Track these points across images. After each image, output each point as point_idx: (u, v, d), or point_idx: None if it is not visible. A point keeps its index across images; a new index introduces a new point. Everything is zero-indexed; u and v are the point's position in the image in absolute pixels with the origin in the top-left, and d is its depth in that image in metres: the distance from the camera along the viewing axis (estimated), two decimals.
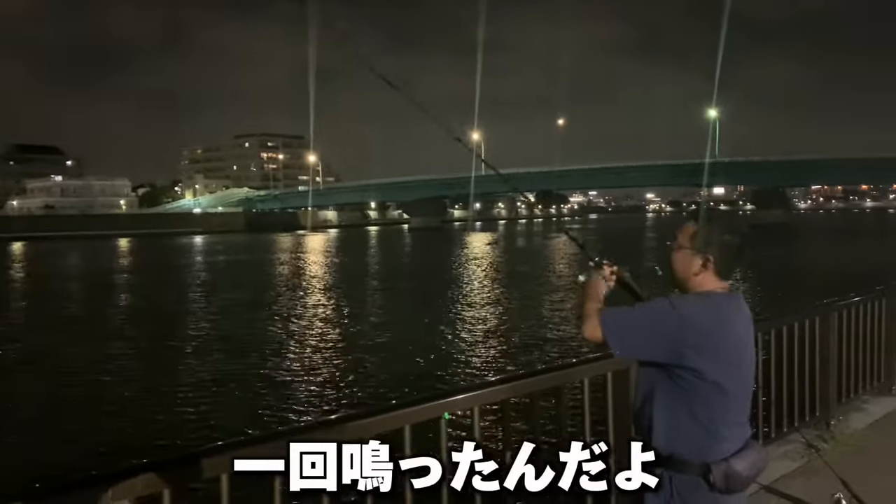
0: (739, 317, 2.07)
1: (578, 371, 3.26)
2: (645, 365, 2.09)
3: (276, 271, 37.23)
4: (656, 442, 2.02)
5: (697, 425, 1.97)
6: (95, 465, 8.29)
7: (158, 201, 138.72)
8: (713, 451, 1.96)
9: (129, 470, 2.02)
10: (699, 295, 2.04)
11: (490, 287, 27.35)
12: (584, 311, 2.11)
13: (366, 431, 2.47)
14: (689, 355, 1.93)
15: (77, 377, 13.52)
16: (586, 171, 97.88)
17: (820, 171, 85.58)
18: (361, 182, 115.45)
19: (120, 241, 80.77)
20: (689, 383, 1.96)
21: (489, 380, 2.98)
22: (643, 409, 2.08)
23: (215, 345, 16.30)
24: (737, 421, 2.04)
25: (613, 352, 2.07)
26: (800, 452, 4.56)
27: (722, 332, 1.99)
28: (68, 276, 38.20)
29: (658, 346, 1.98)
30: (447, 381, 12.40)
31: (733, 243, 2.08)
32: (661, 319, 1.97)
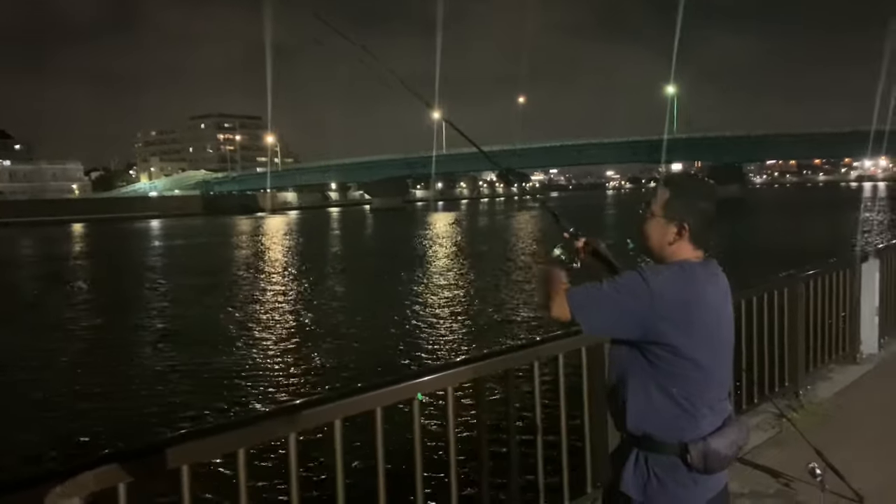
0: (716, 287, 1.97)
1: (553, 346, 3.16)
2: (617, 343, 1.99)
3: (234, 255, 36.61)
4: (630, 423, 1.94)
5: (673, 404, 1.88)
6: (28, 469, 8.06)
7: (113, 185, 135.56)
8: (690, 430, 1.88)
9: (80, 466, 1.87)
10: (673, 265, 1.94)
11: (454, 267, 27.25)
12: (549, 290, 1.98)
13: (333, 416, 2.34)
14: (663, 330, 1.84)
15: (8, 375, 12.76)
16: (547, 148, 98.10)
17: (774, 146, 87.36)
18: (321, 163, 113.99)
19: (74, 226, 78.77)
20: (663, 360, 1.87)
21: (462, 358, 2.85)
22: (616, 390, 1.99)
23: (169, 334, 15.70)
24: (716, 397, 1.95)
25: (584, 331, 1.98)
26: (770, 423, 4.57)
27: (698, 305, 1.88)
28: (18, 263, 37.04)
29: (630, 322, 1.87)
30: (415, 362, 12.24)
31: (709, 210, 1.97)
32: (632, 294, 1.86)
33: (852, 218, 43.51)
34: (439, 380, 2.68)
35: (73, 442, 8.96)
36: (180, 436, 2.09)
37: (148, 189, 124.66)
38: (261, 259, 33.48)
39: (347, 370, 11.69)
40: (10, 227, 74.91)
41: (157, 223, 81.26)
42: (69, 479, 1.83)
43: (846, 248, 25.84)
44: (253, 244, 43.77)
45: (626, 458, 1.95)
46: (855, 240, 30.38)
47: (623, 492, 1.93)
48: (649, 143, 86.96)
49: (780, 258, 22.85)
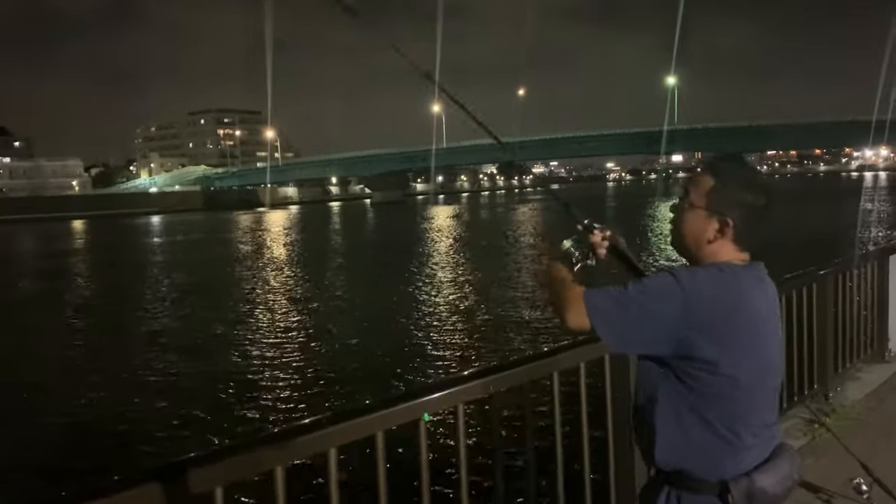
0: (763, 294, 1.66)
1: (572, 356, 2.84)
2: (644, 359, 1.68)
3: (232, 252, 36.30)
4: (660, 455, 1.65)
5: (710, 432, 1.59)
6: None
7: (113, 181, 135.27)
8: (731, 463, 1.59)
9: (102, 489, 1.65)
10: (712, 267, 1.64)
11: (455, 262, 26.94)
12: (563, 294, 1.69)
13: (327, 444, 2.03)
14: (699, 343, 1.55)
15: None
16: (547, 140, 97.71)
17: (775, 136, 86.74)
18: (322, 157, 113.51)
19: (74, 223, 78.47)
20: (698, 380, 1.58)
21: (472, 371, 2.53)
22: (644, 415, 1.69)
23: (159, 337, 15.07)
24: (762, 423, 1.64)
25: (608, 344, 1.68)
26: (801, 429, 4.28)
27: (740, 314, 1.58)
28: (16, 259, 36.79)
29: (660, 333, 1.57)
30: (419, 368, 11.79)
31: (758, 204, 1.66)
32: (664, 299, 1.56)
33: (854, 208, 43.12)
34: (448, 397, 2.37)
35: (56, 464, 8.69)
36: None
37: (148, 185, 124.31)
38: (260, 255, 33.16)
39: (346, 377, 11.14)
40: (9, 224, 74.70)
41: (157, 219, 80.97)
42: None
43: (850, 239, 25.56)
44: (252, 240, 43.47)
45: (656, 497, 1.67)
46: (861, 231, 30.05)
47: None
48: (649, 134, 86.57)
49: (786, 251, 22.61)
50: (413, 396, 2.29)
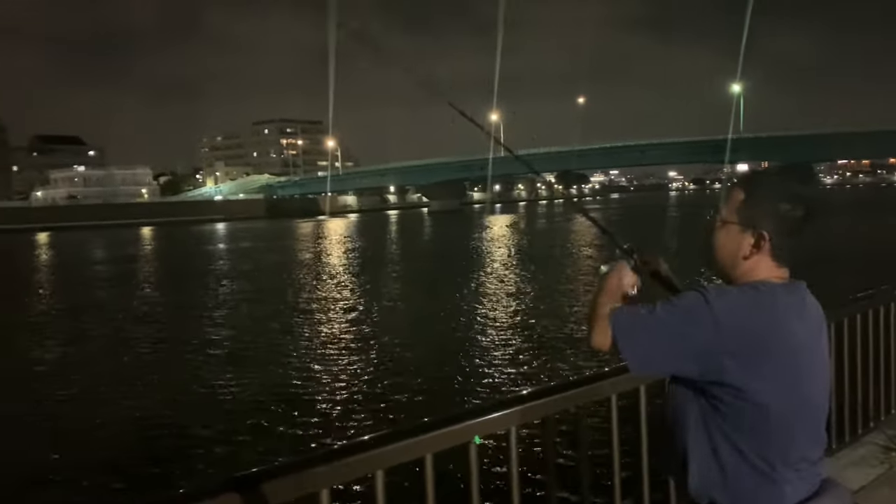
0: (803, 317, 1.54)
1: (631, 378, 2.71)
2: (674, 382, 1.58)
3: (293, 259, 36.99)
4: (693, 486, 1.52)
5: (746, 464, 1.47)
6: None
7: (180, 189, 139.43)
8: (768, 500, 1.47)
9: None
10: (747, 287, 1.52)
11: (512, 274, 26.76)
12: (595, 310, 1.60)
13: (375, 465, 1.97)
14: (730, 368, 1.45)
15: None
16: (607, 149, 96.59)
17: (846, 144, 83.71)
18: (380, 166, 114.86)
19: (143, 229, 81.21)
20: (730, 407, 1.47)
21: (527, 392, 2.44)
22: (675, 440, 1.57)
23: (217, 349, 15.09)
24: (803, 458, 1.51)
25: (629, 366, 1.56)
26: (878, 457, 4.01)
27: (776, 338, 1.47)
28: (91, 262, 38.16)
29: (687, 355, 1.47)
30: (470, 388, 11.61)
31: (794, 215, 1.55)
32: (692, 319, 1.47)
33: None
34: (501, 419, 2.28)
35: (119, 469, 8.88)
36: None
37: (213, 193, 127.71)
38: (318, 264, 33.68)
39: (396, 393, 10.98)
40: (84, 231, 77.78)
41: (221, 226, 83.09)
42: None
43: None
44: (311, 248, 44.17)
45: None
46: None
47: None
48: (714, 142, 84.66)
49: (859, 266, 21.68)
50: (464, 417, 2.21)
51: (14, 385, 12.52)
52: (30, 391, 12.08)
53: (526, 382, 11.18)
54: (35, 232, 79.80)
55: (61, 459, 8.72)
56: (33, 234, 75.82)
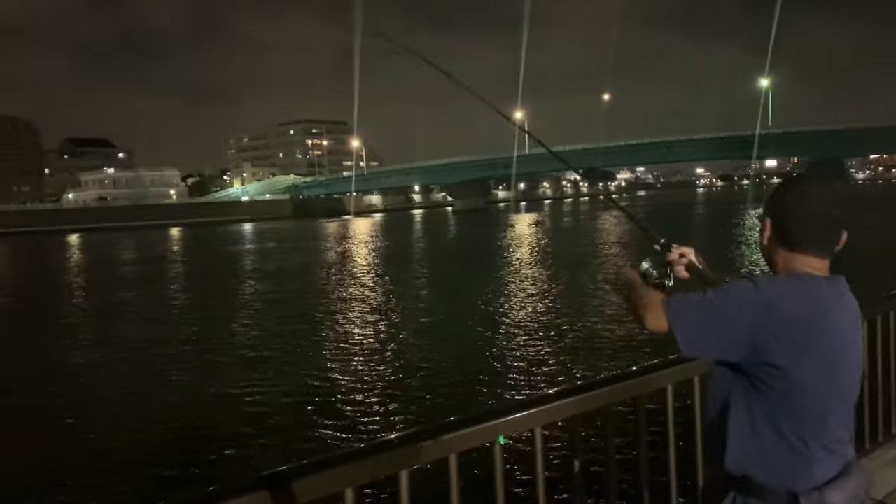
0: (843, 308, 1.65)
1: (659, 377, 2.68)
2: (720, 365, 1.69)
3: (319, 259, 37.20)
4: (730, 460, 1.65)
5: (782, 442, 1.59)
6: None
7: (207, 190, 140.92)
8: (802, 476, 1.58)
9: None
10: (793, 276, 1.65)
11: (537, 274, 26.63)
12: (643, 299, 1.74)
13: (399, 465, 1.96)
14: (775, 348, 1.56)
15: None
16: (633, 146, 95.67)
17: (878, 139, 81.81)
18: (405, 165, 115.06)
19: (171, 230, 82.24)
20: (773, 388, 1.58)
21: (552, 392, 2.42)
22: (717, 422, 1.69)
23: (242, 349, 15.22)
24: (835, 438, 1.63)
25: (681, 349, 1.65)
26: None
27: (818, 323, 1.58)
28: (122, 262, 38.71)
29: (737, 337, 1.58)
30: (496, 386, 11.59)
31: (800, 206, 1.66)
32: (742, 304, 1.58)
33: None
34: (526, 419, 2.26)
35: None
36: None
37: (240, 194, 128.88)
38: (343, 263, 33.82)
39: (420, 392, 11.01)
40: (114, 232, 79.02)
41: (249, 227, 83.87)
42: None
43: None
44: (337, 248, 44.39)
45: (721, 502, 1.67)
46: None
47: None
48: (742, 138, 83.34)
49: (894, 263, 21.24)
50: (489, 417, 2.20)
51: (41, 384, 12.71)
52: (58, 390, 12.28)
53: (550, 382, 11.12)
54: (66, 233, 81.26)
55: (89, 458, 8.85)
56: (65, 236, 77.19)
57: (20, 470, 8.43)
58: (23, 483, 8.09)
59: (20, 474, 8.29)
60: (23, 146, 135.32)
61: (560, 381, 10.90)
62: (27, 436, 9.91)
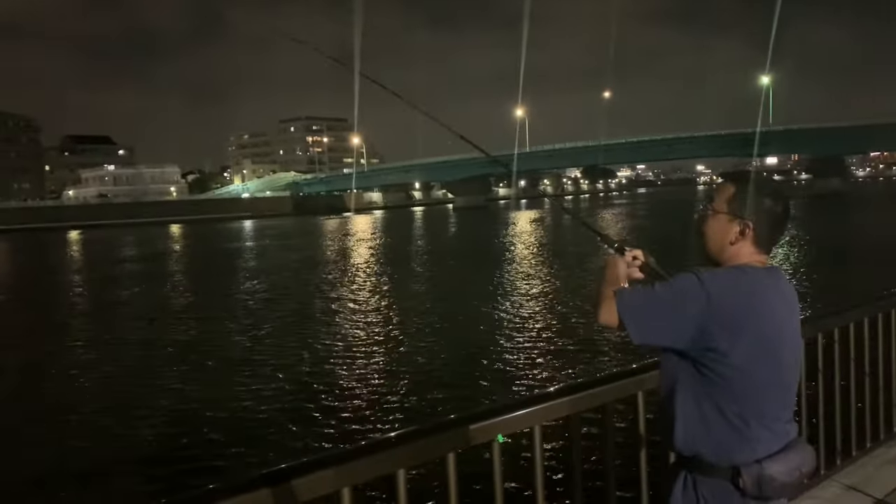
0: (780, 296, 1.81)
1: (657, 375, 2.66)
2: (667, 353, 1.82)
3: (319, 257, 37.17)
4: (678, 441, 1.79)
5: (724, 422, 1.73)
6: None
7: (208, 187, 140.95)
8: (743, 451, 1.73)
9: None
10: (732, 268, 1.80)
11: (535, 271, 26.61)
12: (600, 294, 1.87)
13: (395, 464, 1.94)
14: (717, 336, 1.69)
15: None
16: (633, 143, 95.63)
17: (879, 136, 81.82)
18: (405, 163, 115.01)
19: (172, 227, 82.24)
20: (715, 372, 1.71)
21: (551, 390, 2.40)
22: (666, 405, 1.83)
23: (236, 353, 15.30)
24: (776, 417, 1.77)
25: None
26: None
27: (758, 313, 1.72)
28: (121, 260, 38.69)
29: (683, 327, 1.71)
30: (495, 384, 11.53)
31: (776, 210, 1.82)
32: (687, 296, 1.71)
33: None
34: (525, 417, 2.24)
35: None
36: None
37: (241, 191, 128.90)
38: (342, 261, 33.79)
39: (418, 391, 10.90)
40: (115, 229, 79.07)
41: (249, 224, 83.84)
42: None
43: None
44: (336, 245, 44.36)
45: (674, 480, 1.82)
46: None
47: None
48: (742, 136, 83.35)
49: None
50: (487, 416, 2.18)
51: (36, 384, 12.68)
52: (54, 390, 12.27)
53: (549, 380, 11.10)
54: (67, 230, 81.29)
55: (85, 459, 8.82)
56: (65, 233, 77.22)
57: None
58: (9, 485, 8.06)
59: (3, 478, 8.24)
60: (23, 143, 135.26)
61: (560, 380, 10.87)
62: (10, 436, 9.86)
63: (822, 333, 3.59)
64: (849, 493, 3.51)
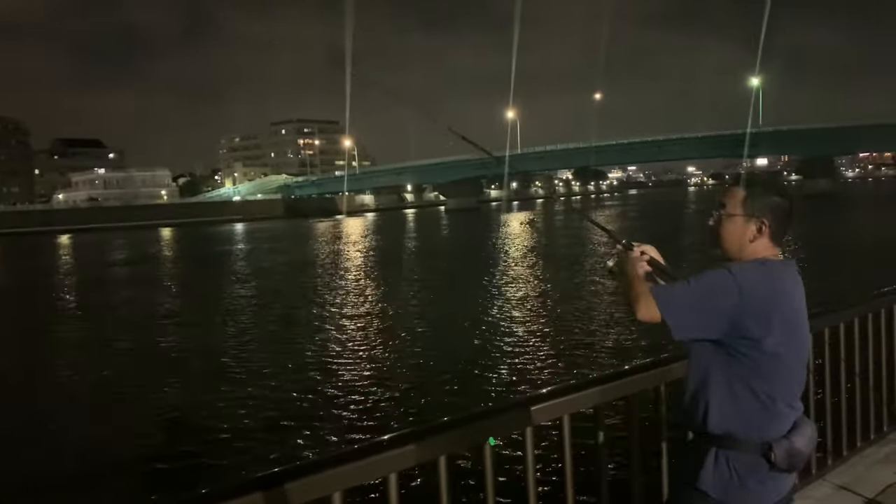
0: (795, 284, 1.99)
1: (649, 377, 2.67)
2: (699, 343, 1.95)
3: (311, 260, 37.10)
4: (712, 422, 1.92)
5: (757, 402, 1.89)
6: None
7: (199, 190, 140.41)
8: (773, 428, 1.90)
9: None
10: (757, 262, 1.94)
11: (526, 273, 26.64)
12: (634, 292, 1.98)
13: (386, 468, 1.93)
14: (750, 325, 1.85)
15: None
16: (625, 145, 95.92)
17: (868, 137, 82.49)
18: (397, 165, 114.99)
19: (163, 230, 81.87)
20: (749, 357, 1.87)
21: (543, 392, 2.40)
22: (698, 394, 1.96)
23: (225, 358, 15.36)
24: (794, 395, 1.96)
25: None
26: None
27: (781, 301, 1.91)
28: (112, 265, 38.50)
29: (719, 318, 1.86)
30: (488, 387, 11.57)
31: (784, 205, 1.99)
32: (721, 290, 1.86)
33: None
34: (516, 419, 2.24)
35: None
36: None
37: (232, 194, 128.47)
38: (334, 264, 33.73)
39: (414, 396, 10.92)
40: (105, 232, 78.63)
41: (240, 227, 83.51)
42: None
43: None
44: (328, 248, 44.26)
45: (703, 457, 1.93)
46: None
47: (701, 489, 1.91)
48: (733, 136, 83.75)
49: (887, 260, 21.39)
50: (478, 418, 2.17)
51: (24, 389, 12.60)
52: (45, 394, 12.20)
53: (542, 383, 11.09)
54: (57, 234, 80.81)
55: (77, 463, 8.75)
56: (55, 237, 76.77)
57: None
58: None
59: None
60: (12, 146, 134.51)
61: (551, 382, 10.87)
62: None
63: (812, 334, 3.60)
64: (840, 493, 3.53)
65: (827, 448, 3.72)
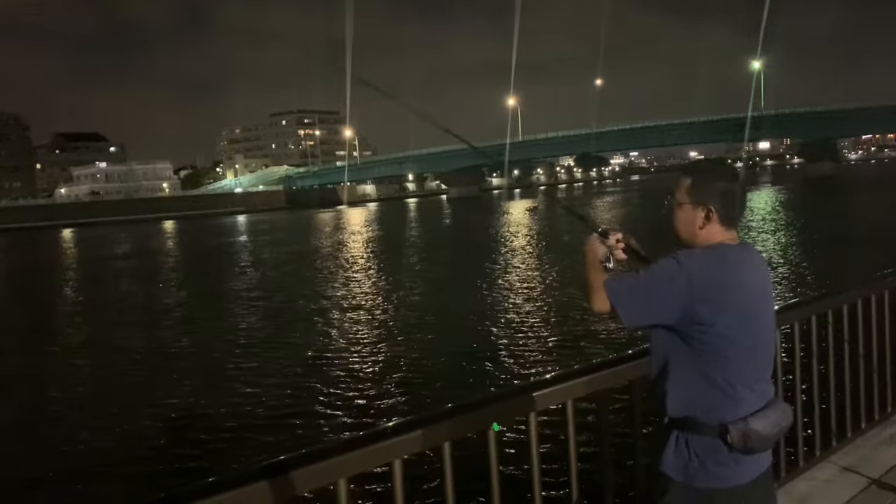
0: (753, 268, 1.99)
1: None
2: (656, 329, 1.97)
3: (312, 250, 37.13)
4: (671, 407, 1.94)
5: (712, 386, 1.89)
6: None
7: (200, 183, 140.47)
8: (729, 411, 1.89)
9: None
10: (707, 248, 1.95)
11: (529, 261, 26.65)
12: (590, 283, 2.02)
13: (390, 455, 1.94)
14: (701, 311, 1.85)
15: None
16: (626, 130, 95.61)
17: (871, 119, 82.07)
18: (398, 154, 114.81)
19: (165, 223, 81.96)
20: (701, 343, 1.88)
21: (547, 377, 2.41)
22: (659, 380, 1.99)
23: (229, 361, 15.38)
24: (756, 378, 1.95)
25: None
26: None
27: (733, 285, 1.89)
28: (114, 259, 38.53)
29: (669, 307, 1.88)
30: (491, 373, 11.60)
31: (731, 189, 1.99)
32: (669, 279, 1.87)
33: None
34: (519, 405, 2.24)
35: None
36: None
37: (233, 185, 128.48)
38: (337, 254, 33.76)
39: (417, 383, 10.90)
40: (107, 226, 78.80)
41: (242, 218, 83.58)
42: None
43: None
44: (330, 239, 44.28)
45: (666, 440, 1.96)
46: None
47: (663, 472, 1.95)
48: (735, 121, 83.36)
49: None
50: (482, 404, 2.18)
51: (25, 385, 12.64)
52: (48, 390, 12.23)
53: (545, 368, 11.10)
54: (59, 228, 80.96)
55: (83, 457, 8.79)
56: (58, 231, 76.92)
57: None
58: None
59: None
60: (13, 142, 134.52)
61: (554, 368, 10.88)
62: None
63: (815, 315, 3.60)
64: (844, 474, 3.53)
65: (831, 429, 3.72)
